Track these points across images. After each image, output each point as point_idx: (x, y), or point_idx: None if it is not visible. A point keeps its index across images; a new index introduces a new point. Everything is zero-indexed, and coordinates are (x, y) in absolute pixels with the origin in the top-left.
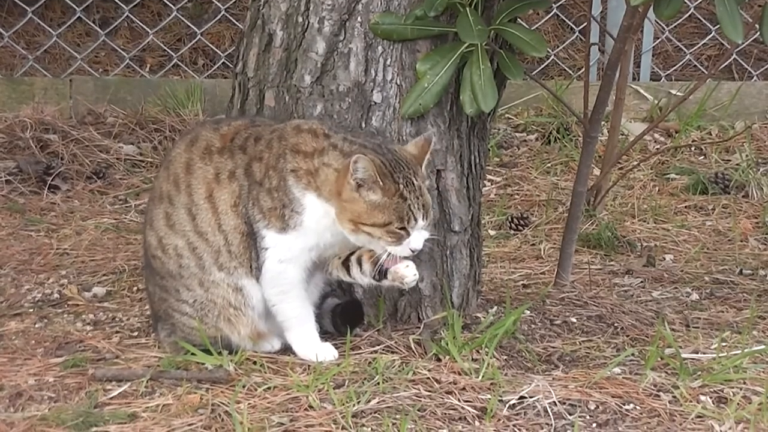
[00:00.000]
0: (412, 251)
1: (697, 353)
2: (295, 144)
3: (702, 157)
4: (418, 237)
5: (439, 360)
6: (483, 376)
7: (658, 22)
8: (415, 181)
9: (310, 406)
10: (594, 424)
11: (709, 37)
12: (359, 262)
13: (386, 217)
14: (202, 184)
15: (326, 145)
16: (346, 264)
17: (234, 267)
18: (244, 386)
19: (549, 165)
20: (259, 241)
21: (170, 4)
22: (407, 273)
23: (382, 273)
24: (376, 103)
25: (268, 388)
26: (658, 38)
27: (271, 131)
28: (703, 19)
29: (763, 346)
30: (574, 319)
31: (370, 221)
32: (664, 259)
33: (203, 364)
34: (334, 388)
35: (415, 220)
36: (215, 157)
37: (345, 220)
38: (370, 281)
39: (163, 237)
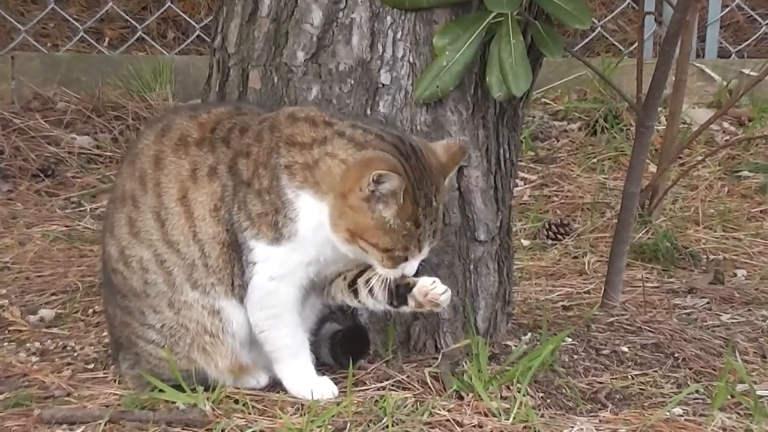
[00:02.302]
0: (404, 276)
1: None
2: (290, 135)
3: None
4: (415, 264)
5: (461, 398)
6: (514, 418)
7: None
8: (434, 202)
9: None
10: None
11: None
12: (369, 287)
13: (392, 243)
14: (174, 182)
15: (329, 133)
16: (352, 286)
17: (211, 284)
18: (223, 430)
19: (595, 160)
20: (245, 254)
21: None
22: (438, 290)
23: (401, 296)
24: (384, 85)
25: (253, 431)
26: (728, 6)
27: (260, 121)
28: None
29: None
30: (625, 349)
31: (372, 240)
32: (735, 275)
33: (174, 402)
34: None
35: (419, 249)
36: (192, 150)
37: (341, 227)
38: (386, 308)
39: (126, 247)
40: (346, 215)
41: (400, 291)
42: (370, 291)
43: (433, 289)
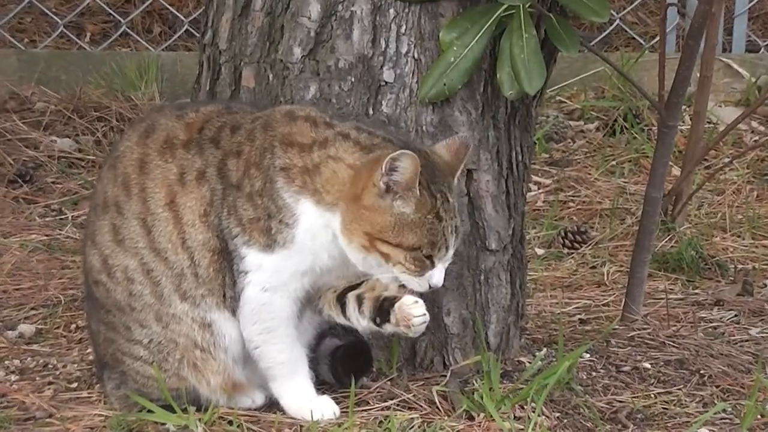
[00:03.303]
0: (431, 287)
1: None
2: (287, 134)
3: None
4: (441, 271)
5: (471, 418)
6: None
7: None
8: (450, 198)
9: None
10: None
11: None
12: (359, 300)
13: (417, 238)
14: (161, 187)
15: (331, 134)
16: (341, 300)
17: (201, 296)
18: None
19: (614, 163)
20: (236, 263)
21: None
22: (415, 311)
23: (383, 314)
24: (387, 83)
25: None
26: None
27: (252, 119)
28: None
29: None
30: (647, 365)
31: (395, 240)
32: (765, 285)
33: (163, 424)
34: None
35: (446, 248)
36: (179, 153)
37: (358, 233)
38: (369, 325)
39: (109, 256)
40: (361, 218)
41: (384, 306)
42: (360, 304)
43: (409, 308)
